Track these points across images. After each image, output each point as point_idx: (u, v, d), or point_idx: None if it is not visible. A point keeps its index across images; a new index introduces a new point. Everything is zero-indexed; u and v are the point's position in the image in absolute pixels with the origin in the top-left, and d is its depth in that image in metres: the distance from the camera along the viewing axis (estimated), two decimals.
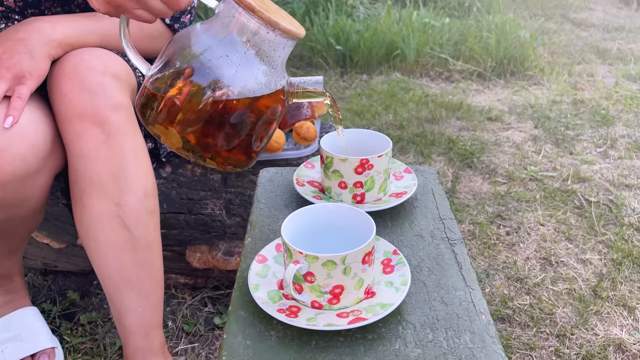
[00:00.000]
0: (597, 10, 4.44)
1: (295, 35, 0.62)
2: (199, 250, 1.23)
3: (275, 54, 0.63)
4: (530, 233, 1.55)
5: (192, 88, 0.60)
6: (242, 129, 0.62)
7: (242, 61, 0.61)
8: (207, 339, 1.20)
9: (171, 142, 0.63)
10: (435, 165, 1.95)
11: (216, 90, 0.59)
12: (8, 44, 0.81)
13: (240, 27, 0.60)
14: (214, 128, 0.61)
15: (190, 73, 0.60)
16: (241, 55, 0.61)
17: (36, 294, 1.32)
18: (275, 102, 0.64)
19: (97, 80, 0.82)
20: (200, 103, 0.59)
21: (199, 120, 0.60)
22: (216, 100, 0.59)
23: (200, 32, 0.62)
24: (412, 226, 0.80)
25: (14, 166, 0.77)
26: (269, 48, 0.62)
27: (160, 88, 0.62)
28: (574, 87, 2.72)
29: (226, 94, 0.59)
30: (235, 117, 0.61)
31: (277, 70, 0.64)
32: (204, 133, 0.61)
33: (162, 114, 0.62)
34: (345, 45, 3.07)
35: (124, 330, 0.91)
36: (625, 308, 1.27)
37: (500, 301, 1.29)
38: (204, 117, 0.60)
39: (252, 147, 0.66)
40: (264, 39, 0.61)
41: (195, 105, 0.60)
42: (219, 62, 0.60)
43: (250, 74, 0.61)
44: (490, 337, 0.60)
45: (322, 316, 0.61)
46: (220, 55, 0.60)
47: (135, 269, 0.88)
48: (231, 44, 0.61)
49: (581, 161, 1.96)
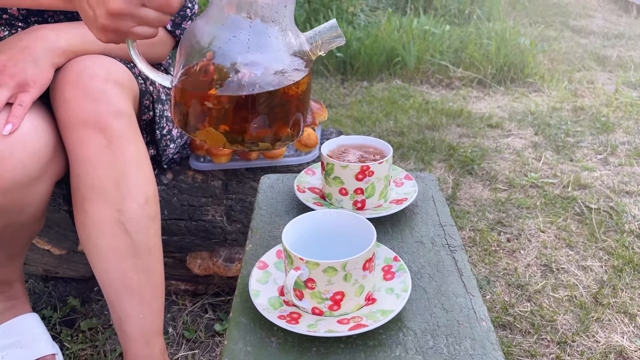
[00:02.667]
0: (596, 17, 4.46)
1: None
2: (199, 257, 1.23)
3: (280, 16, 0.60)
4: (530, 240, 1.55)
5: (215, 84, 0.58)
6: (278, 102, 0.60)
7: (250, 36, 0.59)
8: (207, 345, 1.20)
9: (218, 142, 0.61)
10: (436, 171, 1.96)
11: (238, 74, 0.58)
12: (12, 52, 0.81)
13: (234, 4, 0.59)
14: (251, 112, 0.59)
15: (208, 69, 0.59)
16: (247, 30, 0.59)
17: (37, 300, 1.32)
18: (299, 64, 0.61)
19: (100, 87, 0.82)
20: (228, 96, 0.58)
21: (237, 112, 0.59)
22: (242, 84, 0.58)
23: (201, 25, 0.61)
24: (413, 233, 0.80)
25: (14, 173, 0.77)
26: (270, 12, 0.59)
27: (186, 96, 0.61)
28: (574, 94, 2.73)
29: (247, 74, 0.58)
30: (266, 95, 0.59)
31: (288, 30, 0.61)
32: (243, 120, 0.59)
33: (199, 119, 0.60)
34: (345, 53, 3.08)
35: (124, 337, 0.91)
36: (626, 315, 1.26)
37: (501, 308, 1.29)
38: (241, 105, 0.59)
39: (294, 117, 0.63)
40: (261, 5, 0.59)
41: (226, 100, 0.58)
42: (229, 45, 0.58)
43: (263, 44, 0.59)
44: (490, 344, 0.60)
45: (322, 322, 0.61)
46: (228, 39, 0.59)
47: (136, 275, 0.88)
48: (234, 24, 0.59)
49: (581, 168, 1.96)
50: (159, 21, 0.60)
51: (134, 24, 0.59)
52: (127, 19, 0.58)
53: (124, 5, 0.57)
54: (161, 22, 0.61)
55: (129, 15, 0.58)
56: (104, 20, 0.58)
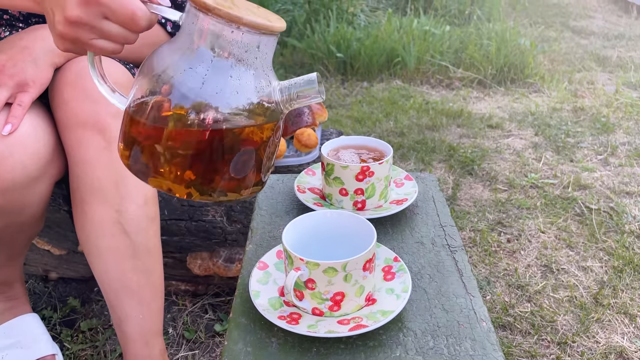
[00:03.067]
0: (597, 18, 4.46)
1: (267, 29, 0.53)
2: (199, 257, 1.23)
3: (250, 56, 0.53)
4: (531, 240, 1.55)
5: (159, 120, 0.52)
6: (226, 150, 0.53)
7: (209, 71, 0.52)
8: (207, 346, 1.19)
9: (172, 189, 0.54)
10: (436, 172, 1.96)
11: (187, 114, 0.51)
12: (12, 52, 0.81)
13: (201, 32, 0.52)
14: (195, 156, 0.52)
15: (154, 101, 0.52)
16: (207, 65, 0.52)
17: (37, 300, 1.32)
18: (262, 111, 0.54)
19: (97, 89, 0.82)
20: (175, 133, 0.51)
21: (185, 154, 0.52)
22: (186, 123, 0.51)
23: (164, 50, 0.55)
24: (413, 233, 0.80)
25: (14, 174, 0.77)
26: (239, 50, 0.53)
27: (132, 131, 0.54)
28: (574, 95, 2.73)
29: (197, 111, 0.51)
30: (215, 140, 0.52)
31: (258, 74, 0.54)
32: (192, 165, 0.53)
33: (144, 162, 0.54)
34: (346, 53, 3.08)
35: (124, 338, 0.91)
36: (626, 316, 1.26)
37: (501, 308, 1.29)
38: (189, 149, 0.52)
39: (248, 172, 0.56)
40: (229, 40, 0.52)
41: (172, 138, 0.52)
42: (183, 77, 0.52)
43: (220, 82, 0.52)
44: (491, 344, 0.60)
45: (322, 323, 0.61)
46: (184, 69, 0.52)
47: (135, 276, 0.88)
48: (195, 56, 0.53)
49: (582, 168, 1.96)
50: (124, 38, 0.55)
51: (94, 36, 0.54)
52: (86, 29, 0.53)
53: (82, 14, 0.52)
54: (126, 39, 0.55)
55: (88, 26, 0.53)
56: (61, 28, 0.53)
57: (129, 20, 0.53)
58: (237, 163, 0.54)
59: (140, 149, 0.54)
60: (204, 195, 0.55)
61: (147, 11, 0.53)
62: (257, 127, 0.54)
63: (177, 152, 0.52)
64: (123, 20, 0.53)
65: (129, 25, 0.53)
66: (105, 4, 0.51)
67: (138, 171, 0.55)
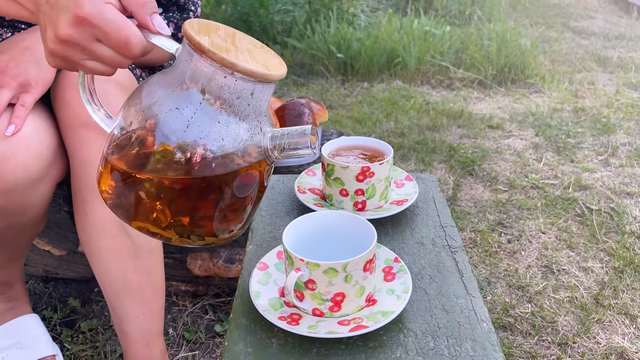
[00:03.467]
0: (597, 18, 4.46)
1: (263, 77, 0.50)
2: (200, 258, 1.23)
3: (242, 102, 0.51)
4: (531, 241, 1.55)
5: (140, 158, 0.50)
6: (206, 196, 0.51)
7: (195, 114, 0.50)
8: (207, 346, 1.19)
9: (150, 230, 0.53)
10: (436, 172, 1.96)
11: (169, 155, 0.49)
12: (14, 52, 0.81)
13: (193, 72, 0.50)
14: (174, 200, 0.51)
15: (138, 135, 0.51)
16: (195, 106, 0.50)
17: (37, 301, 1.32)
18: (246, 162, 0.52)
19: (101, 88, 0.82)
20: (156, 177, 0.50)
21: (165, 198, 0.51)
22: (167, 165, 0.49)
23: (153, 83, 0.53)
24: (413, 234, 0.80)
25: (16, 175, 0.77)
26: (231, 96, 0.50)
27: (114, 164, 0.52)
28: (575, 95, 2.73)
29: (179, 154, 0.49)
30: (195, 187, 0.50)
31: (248, 121, 0.52)
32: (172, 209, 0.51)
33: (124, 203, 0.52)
34: (346, 53, 3.08)
35: (124, 338, 0.91)
36: (627, 316, 1.26)
37: (501, 309, 1.29)
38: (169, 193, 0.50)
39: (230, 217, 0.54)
40: (221, 84, 0.50)
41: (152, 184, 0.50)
42: (168, 117, 0.50)
43: (206, 129, 0.49)
44: (491, 345, 0.60)
45: (323, 324, 0.61)
46: (170, 109, 0.50)
47: (136, 277, 0.88)
48: (185, 95, 0.50)
49: (582, 169, 1.96)
50: (116, 62, 0.53)
51: (85, 57, 0.52)
52: (77, 49, 0.51)
53: (74, 34, 0.50)
54: (119, 63, 0.53)
55: (79, 46, 0.51)
56: (52, 45, 0.51)
57: (122, 45, 0.51)
58: (219, 209, 0.53)
59: (121, 186, 0.52)
60: (183, 238, 0.53)
61: (142, 38, 0.51)
62: (241, 174, 0.52)
63: (156, 195, 0.51)
64: (116, 45, 0.51)
65: (122, 51, 0.51)
66: (99, 27, 0.50)
67: (116, 207, 0.53)
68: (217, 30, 0.53)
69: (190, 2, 1.03)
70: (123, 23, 0.50)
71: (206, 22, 0.54)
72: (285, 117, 1.28)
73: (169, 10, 1.01)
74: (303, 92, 2.82)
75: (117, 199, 0.53)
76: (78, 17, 0.49)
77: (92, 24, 0.49)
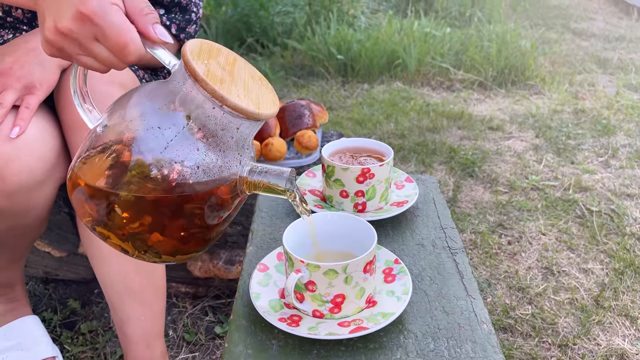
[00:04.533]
0: (597, 20, 4.46)
1: (251, 115, 0.50)
2: (200, 259, 1.23)
3: (225, 134, 0.51)
4: (531, 242, 1.55)
5: (115, 167, 0.50)
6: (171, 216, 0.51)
7: (176, 137, 0.49)
8: (207, 348, 1.19)
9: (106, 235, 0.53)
10: (437, 174, 1.96)
11: (143, 171, 0.49)
12: (18, 54, 0.81)
13: (184, 96, 0.50)
14: (140, 215, 0.51)
15: (115, 149, 0.50)
16: (178, 129, 0.50)
17: (37, 302, 1.32)
18: (217, 192, 0.52)
19: (104, 90, 0.82)
20: (126, 195, 0.50)
21: (131, 211, 0.51)
22: (138, 181, 0.49)
23: (143, 94, 0.53)
24: (414, 235, 0.80)
25: (20, 177, 0.77)
26: (215, 126, 0.51)
27: (85, 172, 0.52)
28: (575, 97, 2.73)
29: (153, 172, 0.49)
30: (163, 205, 0.50)
31: (229, 153, 0.52)
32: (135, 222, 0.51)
33: (95, 213, 0.52)
34: (346, 55, 3.08)
35: (125, 339, 0.91)
36: (627, 318, 1.26)
37: (502, 311, 1.29)
38: (135, 207, 0.50)
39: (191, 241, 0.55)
40: (208, 114, 0.50)
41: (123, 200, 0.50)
42: (148, 134, 0.50)
43: (184, 154, 0.49)
44: (491, 346, 0.60)
45: (323, 325, 0.61)
46: (151, 127, 0.50)
47: (138, 278, 0.88)
48: (170, 115, 0.50)
49: (582, 170, 1.96)
50: (111, 63, 0.53)
51: (81, 52, 0.52)
52: (75, 44, 0.51)
53: (74, 28, 0.50)
54: (113, 64, 0.53)
55: (77, 41, 0.51)
56: (50, 35, 0.51)
57: (118, 50, 0.51)
58: (182, 230, 0.53)
59: (89, 191, 0.52)
60: (139, 252, 0.54)
61: (140, 46, 0.51)
62: (210, 202, 0.52)
63: (123, 207, 0.50)
64: (113, 47, 0.51)
65: (118, 55, 0.52)
66: (100, 26, 0.50)
67: (83, 214, 0.53)
68: (218, 54, 0.53)
69: (192, 4, 1.03)
70: (125, 28, 0.50)
71: (209, 45, 0.54)
72: (286, 118, 1.28)
73: (171, 12, 1.01)
74: (303, 94, 2.82)
75: (85, 206, 0.53)
76: (81, 13, 0.49)
77: (94, 22, 0.50)
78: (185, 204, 0.51)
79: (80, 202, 0.53)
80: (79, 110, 0.57)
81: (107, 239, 0.53)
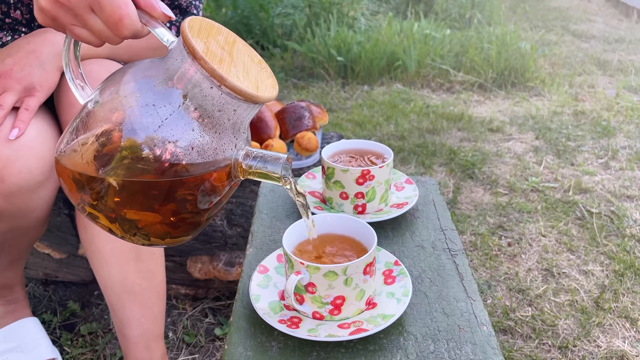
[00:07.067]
0: (597, 22, 4.46)
1: (249, 97, 0.49)
2: (199, 261, 1.23)
3: (222, 116, 0.50)
4: (531, 244, 1.55)
5: (105, 145, 0.48)
6: (161, 198, 0.50)
7: (171, 116, 0.48)
8: (207, 350, 1.19)
9: (94, 214, 0.51)
10: (437, 176, 1.96)
11: (135, 150, 0.48)
12: (19, 56, 0.81)
13: (182, 75, 0.49)
14: (130, 195, 0.50)
15: (105, 130, 0.49)
16: (173, 108, 0.48)
17: (37, 304, 1.31)
18: (210, 174, 0.50)
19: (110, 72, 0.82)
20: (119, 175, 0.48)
21: (121, 191, 0.49)
22: (129, 161, 0.48)
23: (138, 70, 0.51)
24: (414, 237, 0.80)
25: (20, 178, 0.77)
26: (212, 107, 0.49)
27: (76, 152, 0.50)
28: (575, 99, 2.73)
29: (144, 152, 0.48)
30: (154, 187, 0.49)
31: (225, 135, 0.50)
32: (126, 203, 0.50)
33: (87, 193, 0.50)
34: (346, 57, 3.08)
35: (125, 341, 0.91)
36: (627, 320, 1.26)
37: (502, 312, 1.29)
38: (126, 187, 0.49)
39: (181, 225, 0.53)
40: (205, 94, 0.48)
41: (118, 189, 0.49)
42: (142, 111, 0.48)
43: (178, 134, 0.48)
44: (491, 348, 0.60)
45: (323, 327, 0.61)
46: (146, 104, 0.48)
47: (138, 279, 0.88)
48: (165, 93, 0.49)
49: (582, 172, 1.96)
50: (106, 37, 0.52)
51: (75, 23, 0.51)
52: (70, 14, 0.50)
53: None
54: (108, 38, 0.52)
55: (72, 12, 0.50)
56: (44, 3, 0.50)
57: (113, 23, 0.50)
58: (172, 214, 0.52)
59: (78, 171, 0.50)
60: (129, 235, 0.52)
61: (136, 21, 0.50)
62: (203, 185, 0.51)
63: (113, 186, 0.49)
64: (108, 20, 0.50)
65: (112, 27, 0.50)
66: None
67: (67, 184, 0.51)
68: (218, 34, 0.52)
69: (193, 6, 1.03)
70: (122, 2, 0.49)
71: (209, 23, 0.52)
72: (285, 120, 1.28)
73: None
74: (303, 95, 2.83)
75: (74, 186, 0.51)
76: None
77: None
78: (178, 187, 0.49)
79: (69, 182, 0.51)
80: (70, 85, 0.55)
81: (96, 219, 0.52)
